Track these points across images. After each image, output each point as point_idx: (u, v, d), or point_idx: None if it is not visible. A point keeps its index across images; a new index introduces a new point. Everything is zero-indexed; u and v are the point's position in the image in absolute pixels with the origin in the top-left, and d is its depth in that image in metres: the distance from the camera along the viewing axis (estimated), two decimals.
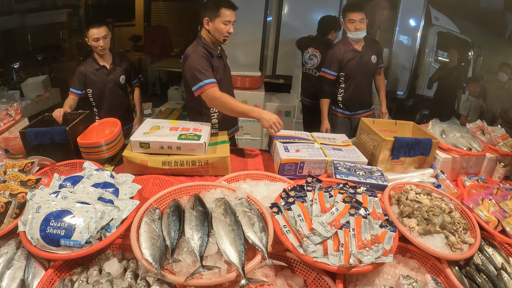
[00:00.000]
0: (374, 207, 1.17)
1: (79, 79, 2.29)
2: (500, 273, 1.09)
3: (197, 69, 1.69)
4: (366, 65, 2.51)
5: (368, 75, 2.59)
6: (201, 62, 1.72)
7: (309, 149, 1.68)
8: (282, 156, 1.58)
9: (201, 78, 1.69)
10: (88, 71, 2.30)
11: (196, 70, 1.69)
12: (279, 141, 1.75)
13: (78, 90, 2.29)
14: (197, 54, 1.74)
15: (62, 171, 1.50)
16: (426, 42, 4.51)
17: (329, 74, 2.53)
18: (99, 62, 2.32)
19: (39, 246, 0.98)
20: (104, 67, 2.34)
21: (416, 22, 4.08)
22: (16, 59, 4.81)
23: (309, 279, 1.05)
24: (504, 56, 4.11)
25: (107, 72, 2.35)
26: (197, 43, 1.81)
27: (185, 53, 1.78)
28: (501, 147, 1.82)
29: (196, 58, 1.72)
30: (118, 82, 2.42)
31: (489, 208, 1.35)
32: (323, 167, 1.63)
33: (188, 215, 1.05)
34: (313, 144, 1.75)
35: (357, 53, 2.48)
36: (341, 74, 2.54)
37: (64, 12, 5.92)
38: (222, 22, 1.73)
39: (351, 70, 2.49)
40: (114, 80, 2.38)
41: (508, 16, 4.39)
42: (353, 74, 2.51)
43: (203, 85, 1.70)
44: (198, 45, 1.79)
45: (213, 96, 1.70)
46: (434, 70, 4.61)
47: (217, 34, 1.77)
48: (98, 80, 2.33)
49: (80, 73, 2.29)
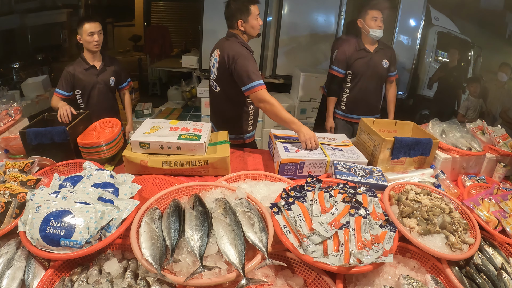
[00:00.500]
0: (374, 207, 1.17)
1: (66, 79, 2.20)
2: (500, 273, 1.09)
3: (251, 70, 1.74)
4: (375, 67, 2.45)
5: (376, 79, 2.50)
6: (253, 63, 1.78)
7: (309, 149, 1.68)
8: (282, 156, 1.58)
9: (254, 78, 1.74)
10: (76, 71, 2.21)
11: (249, 71, 1.74)
12: (279, 141, 1.75)
13: (65, 91, 2.20)
14: (249, 55, 1.80)
15: (62, 171, 1.50)
16: (426, 42, 4.51)
17: (338, 72, 2.48)
18: (88, 62, 2.24)
19: (39, 246, 0.98)
20: (94, 67, 2.26)
21: (416, 22, 4.08)
22: (16, 59, 4.80)
23: (309, 279, 1.05)
24: (504, 56, 4.11)
25: (97, 73, 2.27)
26: (239, 43, 1.83)
27: (234, 52, 1.79)
28: (501, 147, 1.82)
29: (248, 58, 1.78)
30: (108, 84, 2.34)
31: (489, 208, 1.35)
32: (323, 167, 1.63)
33: (188, 215, 1.05)
34: None
35: (367, 53, 2.42)
36: (348, 73, 2.48)
37: (64, 12, 5.92)
38: (254, 18, 1.82)
39: (359, 69, 2.44)
40: (103, 81, 2.31)
41: (508, 16, 4.38)
42: (360, 74, 2.45)
43: (256, 86, 1.74)
44: (241, 46, 1.82)
45: (263, 98, 1.74)
46: (434, 70, 4.61)
47: (252, 31, 1.86)
48: (86, 80, 2.24)
49: (68, 73, 2.20)
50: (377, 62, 2.45)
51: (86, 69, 2.24)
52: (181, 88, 5.30)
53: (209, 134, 1.70)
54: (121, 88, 2.52)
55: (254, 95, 1.76)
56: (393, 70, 2.56)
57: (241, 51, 1.78)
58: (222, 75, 1.89)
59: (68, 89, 2.21)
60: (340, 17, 3.96)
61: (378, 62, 2.45)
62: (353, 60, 2.43)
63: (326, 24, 4.02)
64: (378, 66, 2.45)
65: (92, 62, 2.26)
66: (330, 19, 4.00)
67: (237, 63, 1.77)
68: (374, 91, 2.55)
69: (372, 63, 2.44)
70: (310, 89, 3.66)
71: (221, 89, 1.96)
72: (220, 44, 1.93)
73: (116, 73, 2.40)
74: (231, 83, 1.86)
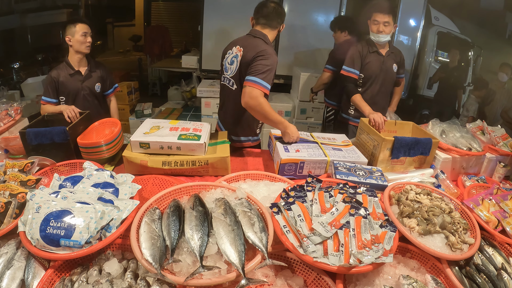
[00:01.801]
0: (374, 207, 1.17)
1: (51, 85, 2.10)
2: (500, 273, 1.09)
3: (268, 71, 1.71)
4: (387, 72, 2.38)
5: (387, 83, 2.44)
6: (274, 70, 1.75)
7: (309, 149, 1.68)
8: (282, 156, 1.58)
9: (265, 78, 1.69)
10: (61, 76, 2.11)
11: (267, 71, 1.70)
12: (279, 141, 1.75)
13: (52, 98, 2.11)
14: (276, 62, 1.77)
15: (62, 171, 1.50)
16: (426, 42, 4.52)
17: (352, 73, 2.35)
18: (74, 67, 2.14)
19: (39, 246, 0.98)
20: (79, 72, 2.16)
21: (416, 22, 4.08)
22: (16, 59, 4.80)
23: (309, 279, 1.05)
24: (504, 56, 4.12)
25: (82, 79, 2.18)
26: (270, 46, 1.81)
27: (266, 51, 1.74)
28: (501, 147, 1.82)
29: (274, 64, 1.74)
30: (93, 90, 2.25)
31: (489, 208, 1.35)
32: (323, 167, 1.63)
33: (188, 215, 1.05)
34: (313, 144, 1.75)
35: (380, 56, 2.35)
36: (360, 76, 2.38)
37: (64, 12, 5.92)
38: None
39: (372, 72, 2.35)
40: (88, 87, 2.21)
41: (508, 16, 4.39)
42: (372, 78, 2.37)
43: (260, 84, 1.69)
44: (273, 49, 1.80)
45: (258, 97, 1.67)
46: (434, 70, 4.62)
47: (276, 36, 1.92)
48: (71, 86, 2.14)
49: (52, 78, 2.10)
50: (389, 67, 2.38)
51: (71, 74, 2.15)
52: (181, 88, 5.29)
53: (209, 134, 1.70)
54: (107, 95, 2.42)
55: (251, 89, 1.68)
56: (401, 72, 2.52)
57: (273, 54, 1.75)
58: (243, 72, 1.81)
59: (55, 95, 2.13)
60: None
61: (390, 67, 2.38)
62: (366, 63, 2.34)
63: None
64: (390, 70, 2.39)
65: (77, 67, 2.17)
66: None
67: (265, 57, 1.72)
68: (384, 96, 2.49)
69: (385, 67, 2.36)
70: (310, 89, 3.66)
71: (238, 88, 1.88)
72: (243, 41, 1.86)
73: (102, 79, 2.30)
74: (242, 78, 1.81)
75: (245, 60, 1.78)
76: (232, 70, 1.89)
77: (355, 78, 2.37)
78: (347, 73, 2.37)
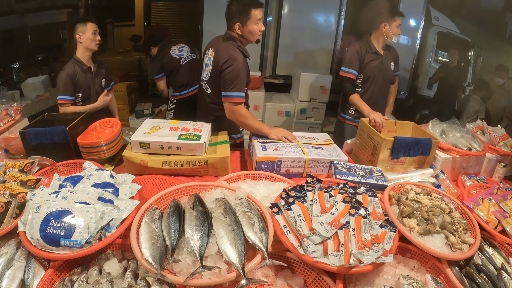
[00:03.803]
0: (374, 207, 1.17)
1: (71, 82, 2.12)
2: (500, 273, 1.09)
3: (238, 80, 1.72)
4: (386, 71, 2.41)
5: (386, 82, 2.47)
6: (244, 74, 1.75)
7: (288, 148, 1.67)
8: (259, 154, 1.56)
9: (238, 89, 1.73)
10: (77, 72, 2.15)
11: (237, 80, 1.72)
12: (257, 140, 1.74)
13: (71, 96, 2.14)
14: (243, 63, 1.75)
15: (62, 171, 1.50)
16: (426, 42, 4.51)
17: (350, 73, 2.37)
18: (85, 63, 2.20)
19: (39, 246, 0.98)
20: (90, 68, 2.24)
21: (416, 22, 4.08)
22: (16, 59, 4.79)
23: (309, 279, 1.05)
24: (504, 56, 4.11)
25: (92, 75, 2.26)
26: (236, 47, 1.77)
27: (229, 56, 1.72)
28: (501, 147, 1.82)
29: (241, 67, 1.73)
30: (101, 86, 2.33)
31: (489, 208, 1.35)
32: (302, 166, 1.61)
33: (188, 215, 1.05)
34: (292, 143, 1.74)
35: (379, 56, 2.37)
36: (359, 76, 2.40)
37: (64, 12, 5.91)
38: (254, 23, 1.74)
39: (371, 72, 2.37)
40: (98, 83, 2.30)
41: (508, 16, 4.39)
42: (371, 78, 2.39)
43: (235, 97, 1.74)
44: (238, 51, 1.76)
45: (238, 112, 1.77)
46: (434, 70, 4.61)
47: (250, 36, 1.79)
48: (85, 82, 2.20)
49: (69, 76, 2.12)
50: (387, 66, 2.41)
51: (84, 70, 2.20)
52: None
53: (209, 134, 1.70)
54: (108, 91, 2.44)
55: (229, 105, 1.76)
56: (397, 70, 2.55)
57: (237, 57, 1.72)
58: (214, 78, 1.83)
59: (73, 93, 2.16)
60: (340, 17, 3.96)
61: (388, 66, 2.41)
62: (366, 63, 2.36)
63: (326, 24, 4.02)
64: (388, 69, 2.42)
65: (88, 64, 2.23)
66: (330, 19, 4.00)
67: (229, 68, 1.71)
68: (383, 95, 2.51)
69: (383, 66, 2.39)
70: (310, 89, 3.66)
71: (212, 92, 1.90)
72: (215, 44, 1.85)
73: (105, 76, 2.39)
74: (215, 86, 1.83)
75: (216, 66, 1.80)
76: (207, 73, 1.91)
77: (353, 79, 2.40)
78: (345, 73, 2.40)
